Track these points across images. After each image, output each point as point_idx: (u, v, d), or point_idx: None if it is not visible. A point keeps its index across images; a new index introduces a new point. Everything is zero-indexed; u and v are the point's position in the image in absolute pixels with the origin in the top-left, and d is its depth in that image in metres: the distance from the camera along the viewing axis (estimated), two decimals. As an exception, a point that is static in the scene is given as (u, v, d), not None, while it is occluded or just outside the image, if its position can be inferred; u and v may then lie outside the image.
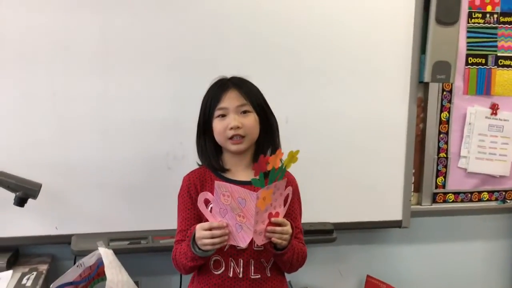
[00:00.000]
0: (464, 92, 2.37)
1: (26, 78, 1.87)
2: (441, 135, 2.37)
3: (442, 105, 2.35)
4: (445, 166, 2.40)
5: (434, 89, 2.32)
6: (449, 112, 2.36)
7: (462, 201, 2.45)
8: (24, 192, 1.72)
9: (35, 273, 1.81)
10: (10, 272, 1.78)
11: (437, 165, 2.39)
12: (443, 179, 2.40)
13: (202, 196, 1.31)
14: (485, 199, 2.47)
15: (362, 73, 2.15)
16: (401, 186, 2.26)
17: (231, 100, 1.44)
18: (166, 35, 1.96)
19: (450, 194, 2.43)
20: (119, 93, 1.94)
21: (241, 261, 1.42)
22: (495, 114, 2.39)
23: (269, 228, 1.31)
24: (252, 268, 1.43)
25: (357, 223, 2.23)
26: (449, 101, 2.36)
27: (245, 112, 1.44)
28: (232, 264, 1.42)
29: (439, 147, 2.38)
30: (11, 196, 1.72)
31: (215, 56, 1.99)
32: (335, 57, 2.12)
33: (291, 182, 1.49)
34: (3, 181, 1.72)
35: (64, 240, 1.92)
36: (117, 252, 1.77)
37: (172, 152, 2.00)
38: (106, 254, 1.71)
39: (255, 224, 1.26)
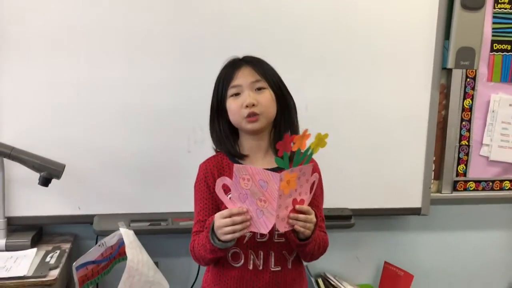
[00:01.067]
0: (488, 79, 2.32)
1: (51, 62, 1.89)
2: (464, 123, 2.34)
3: (465, 92, 2.31)
4: (467, 154, 2.37)
5: (458, 76, 2.28)
6: (472, 99, 2.33)
7: (483, 189, 2.42)
8: (48, 172, 1.76)
9: (58, 251, 1.85)
10: (34, 250, 1.83)
11: (459, 152, 2.36)
12: (464, 167, 2.38)
13: (220, 182, 1.24)
14: (506, 188, 2.43)
15: (384, 60, 2.13)
16: (421, 173, 2.24)
17: (244, 76, 1.37)
18: (186, 23, 1.97)
19: (471, 182, 2.40)
20: (142, 78, 1.96)
21: (261, 253, 1.36)
22: (520, 102, 2.34)
23: (292, 215, 1.23)
24: (273, 260, 1.37)
25: (375, 209, 2.22)
26: (473, 88, 2.32)
27: (260, 88, 1.37)
28: (252, 256, 1.37)
29: (461, 135, 2.35)
30: (35, 176, 1.76)
31: (235, 42, 1.98)
32: (357, 43, 2.10)
33: (314, 168, 1.40)
34: (28, 161, 1.76)
35: (87, 220, 1.96)
36: (138, 233, 1.81)
37: (193, 136, 2.01)
38: (127, 234, 1.74)
39: (278, 208, 1.18)
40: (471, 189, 2.41)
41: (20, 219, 1.93)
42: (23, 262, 1.72)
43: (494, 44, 2.29)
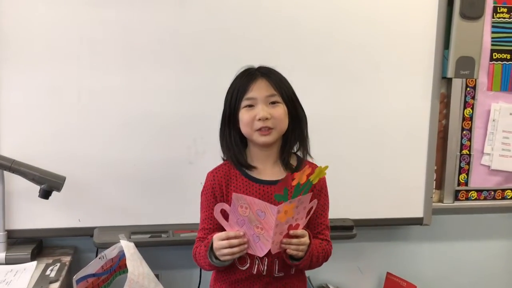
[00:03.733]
0: (488, 88, 2.32)
1: (51, 72, 1.89)
2: (464, 132, 2.34)
3: (465, 101, 2.31)
4: (468, 163, 2.37)
5: (458, 85, 2.28)
6: (472, 109, 2.33)
7: (485, 198, 2.41)
8: (49, 185, 1.75)
9: (58, 264, 1.83)
10: (34, 263, 1.82)
11: (460, 162, 2.35)
12: (466, 176, 2.37)
13: (218, 207, 1.28)
14: (508, 197, 2.42)
15: (385, 69, 2.14)
16: (423, 183, 2.23)
17: (259, 90, 1.38)
18: (189, 29, 1.97)
19: (473, 191, 2.39)
20: (143, 88, 1.96)
21: (266, 259, 1.40)
22: (520, 110, 2.34)
23: (285, 240, 1.28)
24: (277, 267, 1.41)
25: (377, 219, 2.21)
26: (473, 97, 2.32)
27: (274, 103, 1.39)
28: (257, 261, 1.40)
29: (461, 144, 2.35)
30: (35, 188, 1.76)
31: (238, 51, 1.99)
32: (357, 52, 2.11)
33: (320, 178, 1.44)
34: (28, 174, 1.75)
35: (87, 232, 1.95)
36: (138, 245, 1.79)
37: (194, 146, 2.01)
38: (127, 246, 1.73)
39: (274, 235, 1.23)
40: (473, 198, 2.40)
41: (20, 232, 1.92)
42: (23, 275, 1.70)
43: (494, 53, 2.30)
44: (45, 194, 1.75)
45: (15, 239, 1.92)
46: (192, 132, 2.00)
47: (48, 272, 1.75)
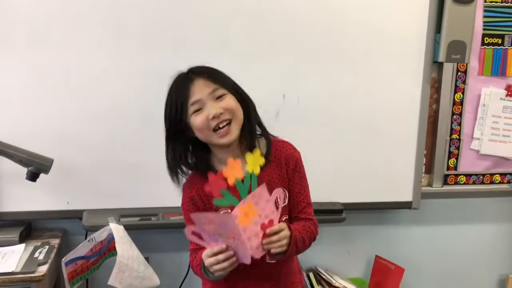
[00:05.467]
0: (479, 73, 2.32)
1: (39, 54, 1.87)
2: (454, 116, 2.34)
3: (456, 86, 2.31)
4: (458, 148, 2.38)
5: (449, 70, 2.28)
6: (463, 93, 2.33)
7: (473, 183, 2.43)
8: (36, 167, 1.74)
9: (47, 247, 1.83)
10: (22, 245, 1.81)
11: (449, 146, 2.36)
12: (455, 161, 2.38)
13: (188, 231, 1.21)
14: (497, 182, 2.45)
15: (375, 53, 2.13)
16: (412, 167, 2.24)
17: (201, 89, 1.30)
18: (176, 13, 1.94)
19: (462, 176, 2.41)
20: (132, 70, 1.94)
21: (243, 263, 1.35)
22: (510, 95, 2.35)
23: (265, 241, 1.23)
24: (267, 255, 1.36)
25: (367, 203, 2.22)
26: (464, 82, 2.32)
27: (220, 97, 1.31)
28: None
29: (451, 129, 2.36)
30: (23, 170, 1.74)
31: (226, 35, 1.97)
32: (347, 37, 2.09)
33: (291, 156, 1.40)
34: (15, 156, 1.74)
35: (76, 215, 1.94)
36: (128, 228, 1.79)
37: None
38: (116, 229, 1.72)
39: (248, 241, 1.20)
40: (462, 182, 2.42)
41: (8, 214, 1.91)
42: (11, 258, 1.70)
43: (485, 38, 2.29)
44: (33, 177, 1.73)
45: (3, 221, 1.91)
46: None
47: (36, 254, 1.75)
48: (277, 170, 1.39)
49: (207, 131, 1.31)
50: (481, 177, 2.43)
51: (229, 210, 1.25)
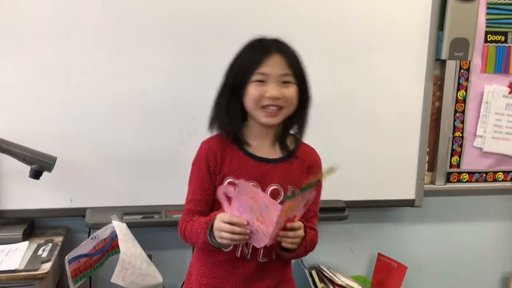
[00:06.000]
0: (482, 70, 2.32)
1: (41, 52, 1.87)
2: (457, 114, 2.34)
3: (459, 83, 2.31)
4: (460, 146, 2.37)
5: (451, 67, 2.28)
6: (466, 91, 2.32)
7: (476, 181, 2.43)
8: (39, 165, 1.74)
9: (50, 244, 1.83)
10: (26, 243, 1.81)
11: (452, 144, 2.36)
12: (458, 159, 2.38)
13: (222, 189, 1.22)
14: (500, 179, 2.44)
15: (378, 50, 2.12)
16: (415, 165, 2.24)
17: (274, 66, 1.28)
18: (177, 10, 1.94)
19: (465, 174, 2.40)
20: (134, 68, 1.94)
21: (251, 244, 1.32)
22: (514, 93, 2.35)
23: (281, 233, 1.22)
24: (262, 251, 1.35)
25: (369, 201, 2.22)
26: (466, 79, 2.31)
27: (286, 82, 1.30)
28: (241, 244, 1.34)
29: (454, 126, 2.35)
30: (26, 168, 1.74)
31: (229, 30, 1.97)
32: (350, 34, 2.09)
33: (315, 162, 1.41)
34: (19, 154, 1.74)
35: (79, 213, 1.94)
36: (131, 226, 1.79)
37: (185, 127, 2.00)
38: (119, 227, 1.73)
39: (272, 231, 1.19)
40: (465, 180, 2.41)
41: (12, 212, 1.92)
42: (15, 255, 1.70)
43: (488, 35, 2.29)
44: (36, 175, 1.74)
45: (7, 219, 1.91)
46: (184, 113, 1.99)
47: (40, 252, 1.75)
48: (299, 169, 1.39)
49: (256, 104, 1.30)
50: (484, 175, 2.43)
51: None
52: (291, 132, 1.42)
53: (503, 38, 2.30)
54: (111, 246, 1.82)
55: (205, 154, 1.36)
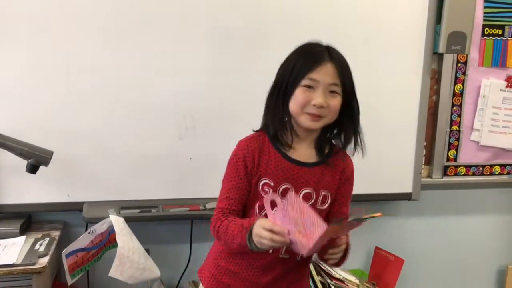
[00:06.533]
0: (479, 64, 2.32)
1: (38, 46, 1.85)
2: (454, 108, 2.34)
3: (456, 77, 2.31)
4: (457, 139, 2.38)
5: (449, 61, 2.28)
6: (463, 84, 2.33)
7: (473, 174, 2.43)
8: (36, 159, 1.73)
9: (47, 239, 1.83)
10: (23, 237, 1.81)
11: (449, 138, 2.36)
12: (455, 152, 2.38)
13: (271, 196, 1.25)
14: (496, 173, 2.45)
15: (375, 44, 2.12)
16: (412, 158, 2.24)
17: (325, 75, 1.30)
18: (176, 5, 1.93)
19: (462, 167, 2.41)
20: (131, 63, 1.93)
21: None
22: (511, 86, 2.34)
23: (331, 251, 1.29)
24: (284, 248, 1.36)
25: (366, 195, 2.21)
26: (464, 73, 2.31)
27: (333, 91, 1.32)
28: None
29: (451, 120, 2.35)
30: (23, 163, 1.74)
31: (228, 26, 1.96)
32: (347, 28, 2.08)
33: (348, 166, 1.45)
34: (15, 148, 1.73)
35: (76, 207, 1.94)
36: (128, 220, 1.79)
37: (184, 123, 2.00)
38: (117, 221, 1.73)
39: (314, 246, 1.20)
40: (462, 174, 2.42)
41: (8, 206, 1.91)
42: (12, 249, 1.70)
43: (486, 29, 2.28)
44: (33, 169, 1.73)
45: (4, 213, 1.91)
46: (182, 108, 1.98)
47: (37, 246, 1.75)
48: (331, 175, 1.41)
49: (301, 109, 1.32)
50: (481, 169, 2.43)
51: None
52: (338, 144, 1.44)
53: (500, 32, 2.30)
54: (108, 240, 1.83)
55: (244, 154, 1.37)
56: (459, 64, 2.30)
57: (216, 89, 1.98)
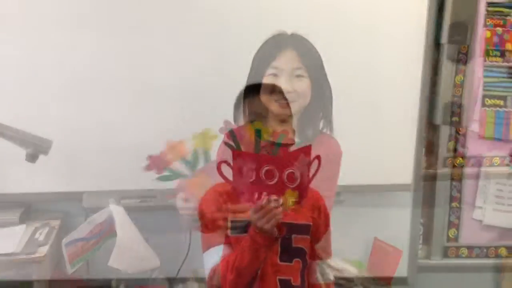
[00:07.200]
0: (481, 55, 2.30)
1: (35, 36, 1.85)
2: (455, 99, 2.33)
3: (457, 68, 2.30)
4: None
5: (450, 51, 2.26)
6: (464, 75, 2.31)
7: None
8: (35, 149, 1.73)
9: (47, 228, 1.84)
10: (23, 226, 1.82)
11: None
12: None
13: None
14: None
15: (376, 34, 2.11)
16: (412, 149, 2.24)
17: (286, 61, 1.35)
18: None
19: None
20: (132, 52, 1.93)
21: None
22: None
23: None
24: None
25: (365, 186, 2.22)
26: (465, 64, 2.30)
27: (299, 76, 1.36)
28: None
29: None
30: (23, 152, 1.74)
31: (227, 18, 1.96)
32: (348, 18, 2.07)
33: (307, 154, 1.36)
34: (14, 137, 1.73)
35: (76, 196, 1.95)
36: (128, 210, 1.80)
37: (181, 113, 1.99)
38: (117, 211, 1.73)
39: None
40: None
41: (8, 196, 1.92)
42: (12, 238, 1.71)
43: (487, 19, 2.26)
44: (32, 158, 1.73)
45: (3, 203, 1.91)
46: (181, 97, 1.97)
47: (37, 235, 1.76)
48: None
49: (268, 96, 1.33)
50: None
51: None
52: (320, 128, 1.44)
53: (502, 23, 2.28)
54: (108, 230, 1.83)
55: (225, 144, 1.33)
56: (460, 55, 2.27)
57: (213, 79, 1.98)
